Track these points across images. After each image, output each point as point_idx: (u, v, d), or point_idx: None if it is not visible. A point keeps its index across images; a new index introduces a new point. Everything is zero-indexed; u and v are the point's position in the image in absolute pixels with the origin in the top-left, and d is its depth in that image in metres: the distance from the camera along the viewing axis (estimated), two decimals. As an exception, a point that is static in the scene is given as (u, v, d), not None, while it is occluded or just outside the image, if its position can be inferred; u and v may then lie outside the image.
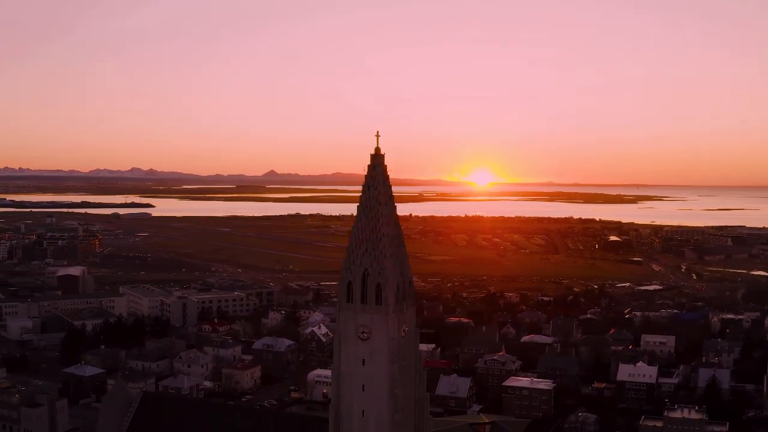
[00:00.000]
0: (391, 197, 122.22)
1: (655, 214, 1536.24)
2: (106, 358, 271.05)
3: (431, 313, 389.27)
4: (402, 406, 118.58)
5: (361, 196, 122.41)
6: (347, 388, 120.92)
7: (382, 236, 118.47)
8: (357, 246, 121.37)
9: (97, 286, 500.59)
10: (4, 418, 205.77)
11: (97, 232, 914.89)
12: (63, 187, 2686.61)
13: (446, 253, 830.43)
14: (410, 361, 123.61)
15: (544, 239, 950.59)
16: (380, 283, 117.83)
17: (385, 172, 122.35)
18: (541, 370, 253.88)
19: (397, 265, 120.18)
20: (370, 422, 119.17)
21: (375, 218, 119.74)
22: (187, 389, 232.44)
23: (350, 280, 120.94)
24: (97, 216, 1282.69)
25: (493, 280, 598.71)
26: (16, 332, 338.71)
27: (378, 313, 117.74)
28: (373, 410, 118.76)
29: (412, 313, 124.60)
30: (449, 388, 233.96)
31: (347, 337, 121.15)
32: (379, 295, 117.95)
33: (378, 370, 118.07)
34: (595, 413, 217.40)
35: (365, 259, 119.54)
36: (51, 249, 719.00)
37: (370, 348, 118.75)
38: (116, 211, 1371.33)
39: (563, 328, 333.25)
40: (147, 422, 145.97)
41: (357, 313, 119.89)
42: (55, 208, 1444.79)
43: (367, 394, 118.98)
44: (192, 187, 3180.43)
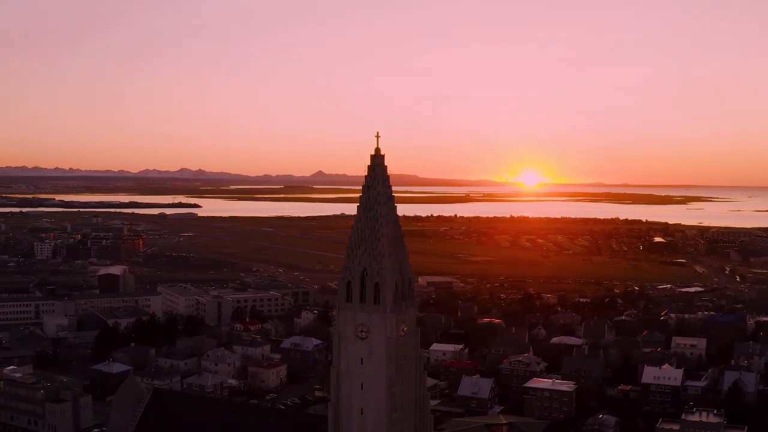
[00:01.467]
0: (391, 197, 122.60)
1: (703, 215, 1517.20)
2: (135, 355, 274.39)
3: (465, 314, 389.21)
4: (399, 404, 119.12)
5: (361, 196, 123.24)
6: (346, 386, 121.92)
7: (380, 236, 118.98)
8: (356, 246, 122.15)
9: (138, 285, 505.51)
10: (29, 413, 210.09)
11: (142, 232, 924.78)
12: (112, 187, 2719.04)
13: (489, 254, 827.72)
14: (410, 361, 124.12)
15: (588, 240, 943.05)
16: (378, 282, 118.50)
17: (385, 172, 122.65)
18: (565, 371, 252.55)
19: (396, 264, 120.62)
20: (369, 420, 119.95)
21: (374, 218, 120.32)
22: (210, 387, 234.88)
23: (349, 279, 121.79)
24: (144, 216, 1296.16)
25: (533, 281, 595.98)
26: (52, 330, 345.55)
27: (376, 313, 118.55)
28: (372, 409, 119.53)
29: (412, 312, 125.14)
30: (471, 388, 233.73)
31: (346, 336, 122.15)
32: (377, 294, 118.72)
33: (376, 369, 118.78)
34: (618, 416, 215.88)
35: (364, 259, 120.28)
36: (95, 248, 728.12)
37: (369, 347, 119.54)
38: (163, 211, 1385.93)
39: (594, 330, 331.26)
40: (156, 418, 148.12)
41: (356, 313, 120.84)
42: (103, 208, 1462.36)
43: (366, 393, 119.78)
44: (240, 187, 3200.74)
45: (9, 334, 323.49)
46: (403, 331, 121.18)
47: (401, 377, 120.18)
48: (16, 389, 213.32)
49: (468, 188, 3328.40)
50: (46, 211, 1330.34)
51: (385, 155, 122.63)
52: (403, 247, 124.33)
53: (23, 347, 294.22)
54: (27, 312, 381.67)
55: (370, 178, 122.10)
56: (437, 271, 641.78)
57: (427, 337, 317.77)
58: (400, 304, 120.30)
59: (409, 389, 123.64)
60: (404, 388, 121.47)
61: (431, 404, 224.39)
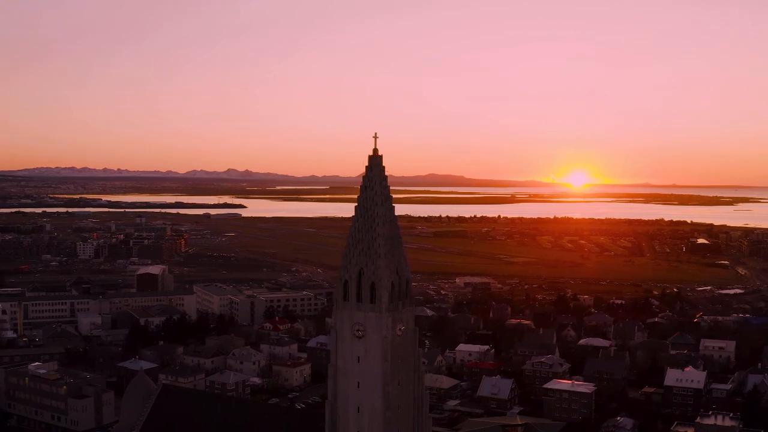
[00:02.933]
0: (388, 198, 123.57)
1: (750, 216, 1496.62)
2: (162, 353, 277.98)
3: (497, 315, 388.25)
4: (395, 403, 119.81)
5: (359, 196, 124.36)
6: (343, 384, 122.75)
7: (377, 236, 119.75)
8: (353, 245, 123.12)
9: (177, 284, 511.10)
10: (53, 408, 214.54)
11: (184, 232, 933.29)
12: (159, 187, 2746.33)
13: (529, 255, 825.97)
14: (408, 360, 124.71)
15: (630, 242, 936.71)
16: (374, 282, 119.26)
17: (383, 173, 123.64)
18: (587, 373, 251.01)
19: (393, 264, 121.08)
20: (365, 419, 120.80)
21: (371, 218, 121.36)
22: (232, 385, 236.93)
23: (346, 278, 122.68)
24: (188, 216, 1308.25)
25: (571, 282, 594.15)
26: (86, 328, 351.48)
27: (372, 312, 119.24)
28: (368, 407, 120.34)
29: (410, 312, 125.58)
30: (491, 389, 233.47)
31: (343, 335, 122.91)
32: (373, 294, 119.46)
33: (372, 368, 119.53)
34: (638, 418, 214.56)
35: (361, 259, 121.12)
36: (136, 248, 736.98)
37: (365, 346, 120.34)
38: (207, 212, 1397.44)
39: (624, 332, 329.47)
40: (165, 413, 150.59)
41: (353, 312, 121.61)
42: (148, 208, 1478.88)
43: (362, 391, 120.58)
44: (286, 188, 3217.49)
45: (42, 332, 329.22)
46: (400, 330, 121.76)
47: (398, 376, 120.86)
48: (40, 385, 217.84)
49: (514, 189, 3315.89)
50: (92, 211, 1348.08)
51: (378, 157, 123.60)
52: (401, 247, 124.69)
53: (54, 344, 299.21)
54: (62, 310, 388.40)
55: (368, 178, 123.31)
56: (476, 272, 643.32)
57: (455, 338, 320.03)
58: (396, 304, 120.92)
59: (407, 388, 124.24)
60: (401, 387, 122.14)
61: (451, 404, 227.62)
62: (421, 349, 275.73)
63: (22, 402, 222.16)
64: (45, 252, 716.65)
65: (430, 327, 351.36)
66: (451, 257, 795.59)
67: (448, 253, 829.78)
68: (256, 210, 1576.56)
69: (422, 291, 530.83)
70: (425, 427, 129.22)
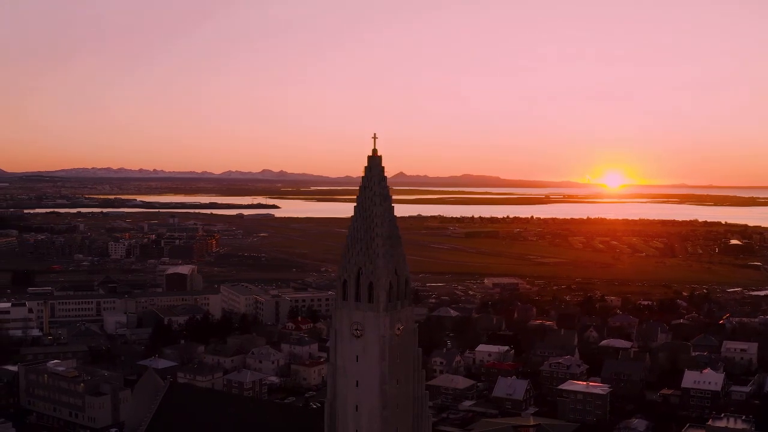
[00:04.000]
0: (387, 198, 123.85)
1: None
2: (183, 352, 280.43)
3: (521, 316, 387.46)
4: (392, 402, 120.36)
5: (358, 196, 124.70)
6: (342, 383, 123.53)
7: (375, 236, 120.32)
8: (352, 245, 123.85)
9: (206, 284, 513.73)
10: (71, 405, 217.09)
11: (216, 232, 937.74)
12: (194, 188, 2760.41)
13: (560, 256, 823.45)
14: (407, 359, 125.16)
15: (663, 242, 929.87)
16: (372, 282, 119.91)
17: (382, 173, 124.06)
18: (605, 374, 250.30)
19: (391, 264, 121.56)
20: (363, 417, 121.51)
21: (369, 218, 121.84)
22: (249, 384, 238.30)
23: (345, 278, 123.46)
24: (221, 216, 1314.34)
25: (600, 283, 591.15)
26: (111, 326, 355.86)
27: (370, 311, 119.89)
28: (366, 406, 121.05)
29: (409, 311, 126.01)
30: (506, 389, 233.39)
31: (342, 334, 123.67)
32: (371, 293, 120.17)
33: (370, 367, 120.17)
34: (654, 420, 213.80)
35: (359, 258, 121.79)
36: (168, 248, 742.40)
37: (363, 345, 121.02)
38: (241, 212, 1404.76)
39: (647, 333, 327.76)
40: (172, 410, 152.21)
41: (351, 311, 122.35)
42: (182, 208, 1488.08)
43: (361, 390, 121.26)
44: (320, 188, 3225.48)
45: (66, 331, 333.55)
46: (399, 330, 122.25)
47: (396, 375, 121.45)
48: (58, 382, 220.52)
49: (549, 190, 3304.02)
50: (126, 211, 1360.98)
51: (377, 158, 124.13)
52: (400, 247, 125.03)
53: (78, 343, 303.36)
54: (89, 309, 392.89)
55: (367, 178, 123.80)
56: (505, 273, 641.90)
57: (477, 339, 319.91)
58: (395, 303, 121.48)
59: (407, 387, 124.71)
60: (401, 387, 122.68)
61: (466, 405, 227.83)
62: (440, 349, 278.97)
63: (41, 399, 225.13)
64: (77, 252, 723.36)
65: (453, 327, 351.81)
66: (482, 258, 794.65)
67: (478, 254, 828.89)
68: (289, 210, 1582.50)
69: (450, 291, 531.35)
70: (425, 427, 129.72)
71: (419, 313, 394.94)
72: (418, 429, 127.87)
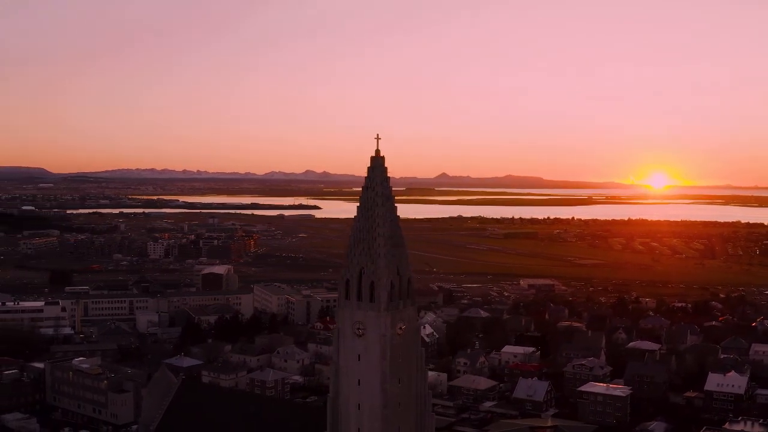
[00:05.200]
0: (390, 198, 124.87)
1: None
2: (209, 351, 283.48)
3: (553, 317, 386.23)
4: (394, 401, 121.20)
5: (360, 197, 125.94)
6: (345, 382, 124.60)
7: (377, 236, 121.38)
8: (355, 245, 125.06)
9: (242, 284, 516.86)
10: (94, 402, 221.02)
11: (255, 233, 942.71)
12: (237, 188, 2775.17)
13: (599, 257, 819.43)
14: (411, 359, 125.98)
15: (703, 244, 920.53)
16: (374, 281, 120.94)
17: (384, 173, 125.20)
18: (628, 376, 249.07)
19: (393, 264, 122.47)
20: (365, 416, 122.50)
21: (371, 219, 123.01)
22: (271, 383, 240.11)
23: (348, 277, 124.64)
24: (262, 217, 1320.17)
25: (637, 285, 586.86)
26: (143, 325, 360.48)
27: (371, 311, 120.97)
28: (368, 405, 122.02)
29: (412, 311, 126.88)
30: (527, 391, 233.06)
31: (345, 333, 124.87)
32: (373, 293, 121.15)
33: (371, 366, 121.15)
34: (675, 423, 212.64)
35: (361, 258, 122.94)
36: (206, 248, 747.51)
37: (365, 344, 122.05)
38: (281, 213, 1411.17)
39: (676, 335, 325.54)
40: (184, 408, 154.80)
41: (353, 310, 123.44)
42: (224, 209, 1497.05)
43: (362, 389, 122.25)
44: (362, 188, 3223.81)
45: (97, 329, 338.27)
46: (401, 329, 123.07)
47: (398, 375, 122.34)
48: (83, 379, 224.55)
49: (592, 191, 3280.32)
50: (168, 212, 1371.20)
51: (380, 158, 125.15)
52: (403, 247, 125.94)
53: (108, 341, 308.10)
54: (122, 308, 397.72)
55: (370, 179, 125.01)
56: (541, 274, 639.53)
57: (506, 340, 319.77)
58: (396, 303, 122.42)
59: (409, 387, 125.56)
60: (402, 386, 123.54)
61: (487, 405, 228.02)
62: (464, 350, 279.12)
63: (66, 396, 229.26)
64: (116, 252, 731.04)
65: (482, 328, 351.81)
66: (519, 259, 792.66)
67: (516, 255, 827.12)
68: (330, 211, 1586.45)
69: (484, 292, 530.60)
70: (428, 426, 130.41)
71: (450, 313, 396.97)
72: (421, 428, 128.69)
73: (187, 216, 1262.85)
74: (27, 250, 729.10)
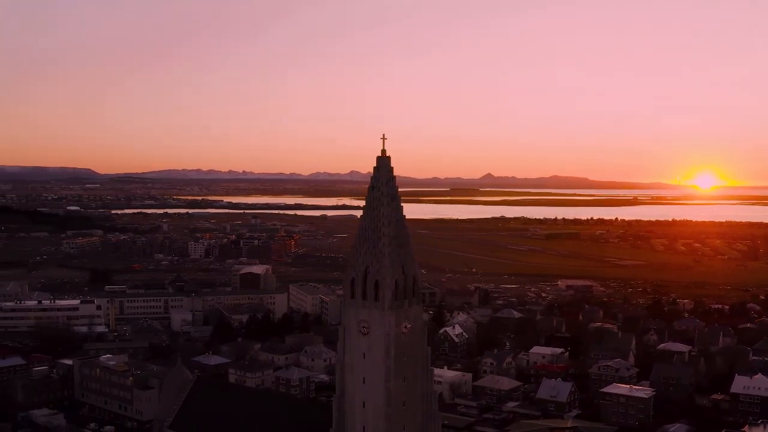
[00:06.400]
0: (395, 198, 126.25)
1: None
2: (238, 349, 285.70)
3: (587, 318, 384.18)
4: (398, 400, 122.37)
5: (366, 197, 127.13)
6: (350, 380, 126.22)
7: (381, 236, 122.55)
8: (360, 244, 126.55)
9: (280, 284, 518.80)
10: (120, 398, 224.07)
11: (296, 233, 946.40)
12: (281, 189, 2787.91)
13: (640, 258, 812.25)
14: (416, 358, 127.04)
15: (747, 245, 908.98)
16: (378, 280, 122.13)
17: (390, 173, 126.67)
18: (653, 378, 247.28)
19: (397, 263, 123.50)
20: (369, 413, 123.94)
21: (377, 218, 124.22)
22: (296, 381, 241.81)
23: (353, 276, 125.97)
24: (305, 217, 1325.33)
25: (677, 286, 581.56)
26: (177, 324, 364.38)
27: (376, 309, 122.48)
28: (372, 402, 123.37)
29: (417, 310, 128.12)
30: (550, 391, 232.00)
31: (350, 332, 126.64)
32: (378, 291, 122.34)
33: (376, 364, 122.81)
34: (698, 425, 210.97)
35: (367, 257, 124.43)
36: (246, 248, 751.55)
37: (369, 342, 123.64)
38: (324, 213, 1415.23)
39: (707, 337, 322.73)
40: (198, 404, 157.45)
41: (358, 309, 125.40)
42: (267, 209, 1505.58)
43: (367, 387, 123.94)
44: (406, 189, 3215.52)
45: (130, 327, 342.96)
46: (406, 328, 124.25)
47: (403, 373, 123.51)
48: (109, 376, 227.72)
49: (638, 191, 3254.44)
50: (212, 212, 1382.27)
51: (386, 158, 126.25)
52: (408, 246, 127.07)
53: (140, 339, 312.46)
54: (157, 307, 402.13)
55: (375, 179, 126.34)
56: (581, 275, 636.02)
57: (537, 340, 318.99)
58: (401, 302, 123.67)
59: (414, 385, 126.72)
60: (408, 384, 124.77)
61: (510, 406, 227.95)
62: (491, 350, 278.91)
63: (93, 392, 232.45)
64: (158, 251, 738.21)
65: (514, 328, 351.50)
66: (559, 259, 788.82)
67: (556, 256, 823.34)
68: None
69: (522, 293, 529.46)
70: (434, 425, 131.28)
71: (483, 314, 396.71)
72: (426, 427, 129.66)
73: (230, 216, 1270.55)
74: (70, 249, 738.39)
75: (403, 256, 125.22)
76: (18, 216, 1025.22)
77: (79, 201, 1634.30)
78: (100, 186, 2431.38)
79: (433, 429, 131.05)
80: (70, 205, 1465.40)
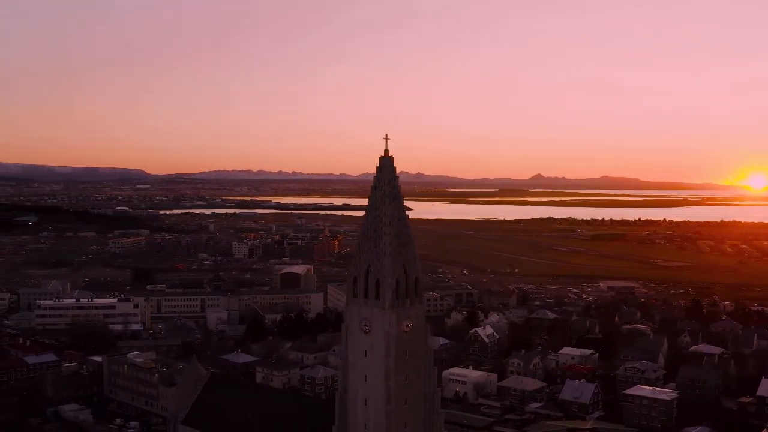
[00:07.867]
0: (397, 197, 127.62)
1: None
2: (269, 347, 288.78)
3: (623, 320, 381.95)
4: (399, 397, 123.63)
5: (369, 196, 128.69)
6: (352, 377, 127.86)
7: (383, 235, 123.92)
8: (363, 244, 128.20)
9: (321, 283, 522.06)
10: (147, 395, 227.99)
11: (341, 233, 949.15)
12: (330, 189, 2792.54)
13: (685, 259, 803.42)
14: (418, 356, 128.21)
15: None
16: (379, 279, 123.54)
17: (393, 173, 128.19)
18: (679, 380, 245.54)
19: (399, 262, 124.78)
20: (371, 411, 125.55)
21: (379, 218, 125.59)
22: (321, 379, 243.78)
23: (356, 275, 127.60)
24: (351, 218, 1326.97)
25: (720, 287, 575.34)
26: (212, 322, 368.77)
27: (377, 308, 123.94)
28: (374, 400, 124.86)
29: (419, 309, 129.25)
30: (573, 392, 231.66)
31: (353, 330, 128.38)
32: (379, 290, 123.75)
33: (377, 362, 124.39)
34: (722, 428, 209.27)
35: (368, 256, 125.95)
36: (289, 248, 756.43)
37: (371, 341, 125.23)
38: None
39: (741, 339, 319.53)
40: (211, 400, 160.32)
41: (360, 307, 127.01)
42: (315, 210, 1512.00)
43: (369, 384, 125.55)
44: (455, 190, 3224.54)
45: (165, 325, 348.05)
46: (407, 327, 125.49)
47: (404, 371, 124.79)
48: (137, 373, 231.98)
49: (689, 192, 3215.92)
50: (259, 212, 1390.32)
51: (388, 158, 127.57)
52: (410, 246, 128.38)
53: (174, 337, 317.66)
54: (194, 306, 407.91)
55: (377, 178, 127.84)
56: (624, 276, 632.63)
57: (569, 341, 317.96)
58: (403, 301, 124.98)
59: (416, 383, 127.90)
60: (409, 383, 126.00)
61: (533, 407, 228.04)
62: (520, 351, 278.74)
63: (121, 388, 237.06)
64: (202, 251, 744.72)
65: (548, 329, 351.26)
66: (603, 260, 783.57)
67: (600, 257, 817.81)
68: (421, 212, 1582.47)
69: (562, 294, 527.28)
70: (437, 424, 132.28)
71: (519, 314, 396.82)
72: (429, 425, 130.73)
73: (277, 216, 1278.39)
74: (115, 249, 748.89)
75: (404, 256, 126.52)
76: (67, 216, 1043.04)
77: (129, 201, 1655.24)
78: (150, 186, 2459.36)
79: (436, 428, 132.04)
80: (119, 205, 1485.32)
